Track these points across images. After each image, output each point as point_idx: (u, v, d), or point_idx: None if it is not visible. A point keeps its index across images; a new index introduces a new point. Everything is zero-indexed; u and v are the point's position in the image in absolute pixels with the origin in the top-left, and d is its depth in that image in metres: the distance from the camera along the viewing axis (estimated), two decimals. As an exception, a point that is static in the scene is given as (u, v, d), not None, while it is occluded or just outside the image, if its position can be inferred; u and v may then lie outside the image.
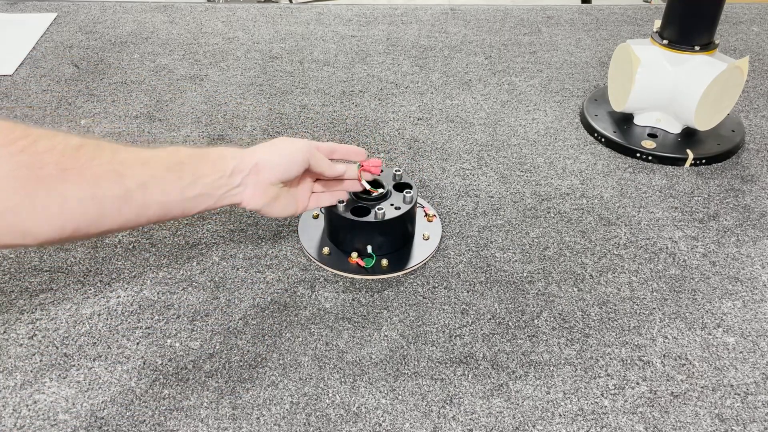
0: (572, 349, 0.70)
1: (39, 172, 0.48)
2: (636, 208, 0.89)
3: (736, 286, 0.78)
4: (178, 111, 1.07)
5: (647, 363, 0.69)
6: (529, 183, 0.93)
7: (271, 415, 0.63)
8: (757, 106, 1.11)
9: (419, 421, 0.63)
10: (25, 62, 1.21)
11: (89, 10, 1.40)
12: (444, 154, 0.98)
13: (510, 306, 0.75)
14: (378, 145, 1.00)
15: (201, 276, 0.78)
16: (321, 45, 1.29)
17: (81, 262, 0.80)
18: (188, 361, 0.68)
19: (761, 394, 0.66)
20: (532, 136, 1.03)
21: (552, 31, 1.35)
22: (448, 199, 0.90)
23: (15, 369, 0.67)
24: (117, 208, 0.54)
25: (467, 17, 1.40)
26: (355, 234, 0.78)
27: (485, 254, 0.81)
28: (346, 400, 0.65)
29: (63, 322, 0.72)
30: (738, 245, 0.83)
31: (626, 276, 0.79)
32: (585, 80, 1.17)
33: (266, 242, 0.83)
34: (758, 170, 0.96)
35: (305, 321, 0.73)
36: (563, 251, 0.82)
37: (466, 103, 1.11)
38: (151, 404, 0.64)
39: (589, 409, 0.64)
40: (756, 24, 1.38)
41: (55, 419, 0.63)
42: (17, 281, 0.77)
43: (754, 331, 0.72)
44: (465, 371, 0.68)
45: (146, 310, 0.74)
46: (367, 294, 0.76)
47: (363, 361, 0.69)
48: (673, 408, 0.64)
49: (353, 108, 1.09)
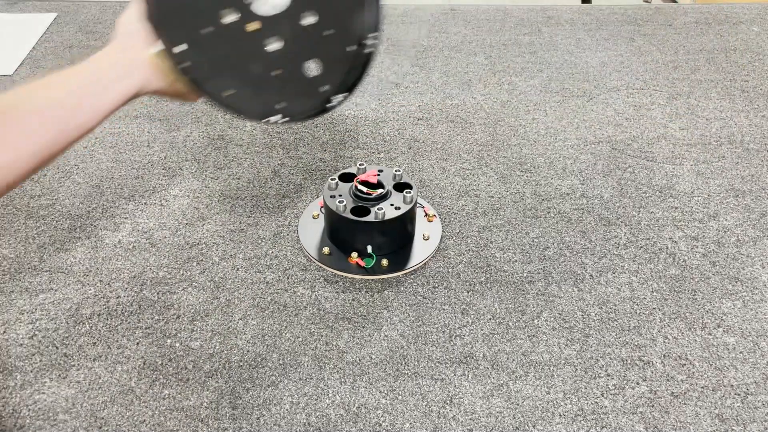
0: (572, 349, 0.70)
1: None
2: (636, 208, 0.89)
3: (736, 286, 0.78)
4: (178, 111, 1.07)
5: (647, 363, 0.69)
6: (529, 183, 0.93)
7: (271, 415, 0.63)
8: (757, 106, 1.11)
9: (419, 421, 0.63)
10: (25, 62, 1.21)
11: (89, 10, 1.40)
12: (444, 154, 0.98)
13: (510, 306, 0.75)
14: (378, 145, 1.00)
15: (201, 276, 0.78)
16: (321, 45, 1.29)
17: (81, 262, 0.80)
18: (188, 361, 0.68)
19: (761, 394, 0.66)
20: (532, 136, 1.03)
21: (552, 31, 1.35)
22: (448, 199, 0.90)
23: (15, 369, 0.67)
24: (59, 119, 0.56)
25: (467, 17, 1.40)
26: (355, 234, 0.78)
27: (485, 254, 0.81)
28: (346, 400, 0.65)
29: (63, 322, 0.72)
30: (738, 245, 0.83)
31: (626, 276, 0.79)
32: (585, 80, 1.17)
33: (266, 242, 0.83)
34: (758, 170, 0.96)
35: (305, 321, 0.73)
36: (563, 251, 0.82)
37: (466, 103, 1.11)
38: (151, 404, 0.64)
39: (589, 409, 0.64)
40: (756, 24, 1.38)
41: (55, 419, 0.63)
42: (17, 281, 0.77)
43: (754, 331, 0.72)
44: (465, 371, 0.68)
45: (146, 310, 0.74)
46: (367, 294, 0.76)
47: (363, 361, 0.69)
48: (673, 408, 0.64)
49: (353, 108, 1.09)
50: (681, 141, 1.02)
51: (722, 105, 1.11)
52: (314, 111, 0.66)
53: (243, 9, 0.61)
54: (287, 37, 0.64)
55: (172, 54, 0.59)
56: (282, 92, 0.64)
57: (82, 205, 0.88)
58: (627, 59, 1.24)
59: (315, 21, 0.64)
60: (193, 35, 0.60)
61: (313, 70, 0.65)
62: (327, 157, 0.98)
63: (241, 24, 0.61)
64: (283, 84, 0.64)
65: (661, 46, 1.29)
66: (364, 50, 0.66)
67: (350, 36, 0.66)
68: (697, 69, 1.21)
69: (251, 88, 0.63)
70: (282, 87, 0.64)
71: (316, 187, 0.92)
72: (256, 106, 0.63)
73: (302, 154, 0.98)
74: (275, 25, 0.63)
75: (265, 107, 0.63)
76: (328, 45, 0.65)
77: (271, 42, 0.63)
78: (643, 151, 0.99)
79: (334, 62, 0.65)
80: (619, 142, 1.01)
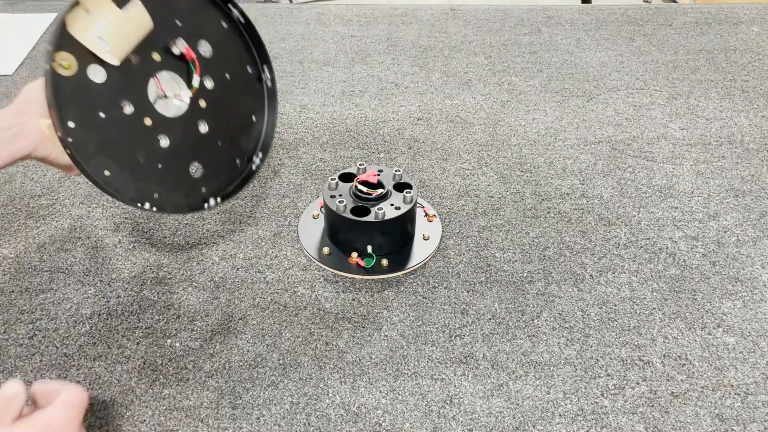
0: (572, 349, 0.70)
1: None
2: (636, 208, 0.89)
3: (736, 286, 0.78)
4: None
5: (647, 363, 0.69)
6: (529, 183, 0.93)
7: (271, 415, 0.64)
8: (757, 106, 1.11)
9: (419, 421, 0.63)
10: (25, 62, 1.21)
11: (89, 10, 1.39)
12: (444, 154, 0.98)
13: (510, 306, 0.75)
14: (378, 145, 1.00)
15: (201, 276, 0.78)
16: (321, 45, 1.29)
17: (81, 262, 0.80)
18: (188, 361, 0.68)
19: (761, 394, 0.66)
20: (532, 136, 1.03)
21: (552, 31, 1.35)
22: (448, 199, 0.90)
23: (15, 369, 0.67)
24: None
25: (467, 17, 1.40)
26: (355, 234, 0.78)
27: (485, 254, 0.81)
28: (346, 400, 0.65)
29: (63, 322, 0.72)
30: (738, 245, 0.83)
31: (626, 276, 0.79)
32: (585, 80, 1.17)
33: (266, 242, 0.83)
34: (758, 170, 0.96)
35: (305, 321, 0.73)
36: (563, 251, 0.82)
37: (466, 103, 1.11)
38: (151, 404, 0.64)
39: (589, 409, 0.64)
40: (756, 24, 1.38)
41: (55, 419, 0.63)
42: (17, 281, 0.77)
43: (754, 331, 0.72)
44: (465, 371, 0.68)
45: (146, 310, 0.74)
46: (367, 294, 0.76)
47: (363, 361, 0.69)
48: (673, 408, 0.64)
49: (353, 108, 1.09)
50: (681, 141, 1.02)
51: (722, 105, 1.11)
52: (188, 209, 0.69)
53: (145, 105, 0.64)
54: (180, 138, 0.67)
55: (60, 128, 0.58)
56: (161, 183, 0.66)
57: (82, 205, 0.88)
58: (627, 59, 1.24)
59: (209, 130, 0.69)
60: (87, 116, 0.61)
61: (197, 171, 0.69)
62: (327, 157, 0.98)
63: (138, 117, 0.64)
64: (164, 177, 0.66)
65: (661, 46, 1.29)
66: (250, 165, 0.73)
67: (240, 150, 0.73)
68: (697, 69, 1.21)
69: (131, 173, 0.64)
70: (162, 179, 0.66)
71: (316, 187, 0.92)
72: (130, 191, 0.63)
73: (302, 154, 0.98)
74: (172, 124, 0.67)
75: (139, 194, 0.64)
76: (217, 153, 0.70)
77: (164, 138, 0.66)
78: (643, 151, 0.99)
79: (219, 169, 0.71)
80: (619, 142, 1.01)
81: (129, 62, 0.63)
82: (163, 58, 0.66)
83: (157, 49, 0.65)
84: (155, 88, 0.66)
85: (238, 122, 0.73)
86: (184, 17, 0.66)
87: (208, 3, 0.69)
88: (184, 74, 0.67)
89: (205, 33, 0.69)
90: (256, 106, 0.75)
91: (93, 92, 0.61)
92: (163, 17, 0.64)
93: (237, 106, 0.73)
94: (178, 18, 0.66)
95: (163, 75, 0.66)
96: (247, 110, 0.74)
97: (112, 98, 0.63)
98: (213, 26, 0.70)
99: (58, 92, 0.58)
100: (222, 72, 0.71)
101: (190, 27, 0.67)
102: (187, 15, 0.67)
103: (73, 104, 0.60)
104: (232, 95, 0.73)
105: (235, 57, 0.72)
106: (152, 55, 0.65)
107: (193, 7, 0.68)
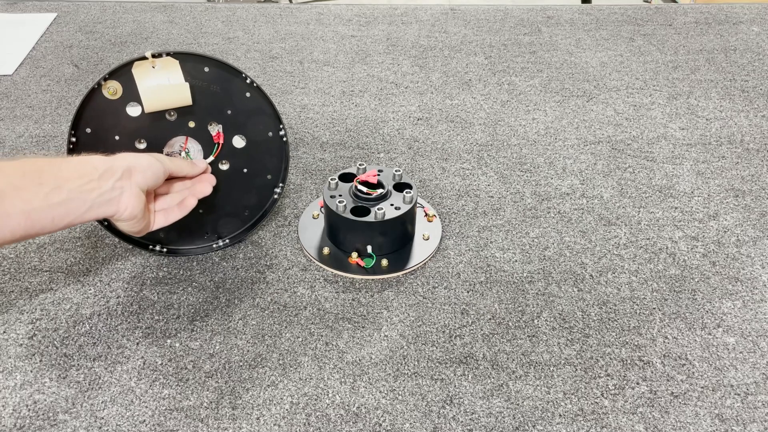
0: (572, 349, 0.70)
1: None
2: (636, 208, 0.89)
3: (736, 286, 0.78)
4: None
5: (647, 363, 0.69)
6: (529, 183, 0.93)
7: (271, 415, 0.63)
8: (757, 106, 1.11)
9: (419, 421, 0.63)
10: (25, 62, 1.21)
11: (89, 10, 1.40)
12: (444, 154, 0.98)
13: (510, 306, 0.75)
14: (378, 145, 1.00)
15: (201, 276, 0.78)
16: (321, 45, 1.29)
17: (81, 262, 0.80)
18: (188, 361, 0.68)
19: (761, 394, 0.66)
20: (532, 136, 1.03)
21: (552, 31, 1.35)
22: (448, 199, 0.90)
23: (15, 369, 0.67)
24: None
25: (467, 17, 1.40)
26: (355, 234, 0.78)
27: (485, 254, 0.81)
28: (346, 400, 0.65)
29: (63, 322, 0.72)
30: (738, 245, 0.83)
31: (626, 276, 0.79)
32: (585, 80, 1.17)
33: (266, 242, 0.83)
34: (758, 170, 0.96)
35: (305, 321, 0.73)
36: (563, 251, 0.82)
37: (466, 103, 1.11)
38: (151, 404, 0.64)
39: (589, 409, 0.64)
40: (756, 24, 1.38)
41: (55, 419, 0.63)
42: (17, 281, 0.77)
43: (754, 331, 0.72)
44: (465, 371, 0.68)
45: (146, 310, 0.74)
46: (367, 294, 0.76)
47: (363, 361, 0.69)
48: (673, 408, 0.64)
49: (353, 108, 1.09)
50: (681, 141, 1.02)
51: (722, 105, 1.11)
52: (195, 252, 0.82)
53: (158, 150, 0.77)
54: None
55: None
56: (215, 226, 0.82)
57: (82, 205, 0.88)
58: (627, 59, 1.24)
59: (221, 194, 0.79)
60: (102, 130, 0.75)
61: None
62: (327, 157, 0.98)
63: None
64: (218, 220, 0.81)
65: (661, 46, 1.29)
66: (269, 202, 0.82)
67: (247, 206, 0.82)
68: (697, 69, 1.21)
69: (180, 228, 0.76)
70: (216, 222, 0.81)
71: (316, 187, 0.92)
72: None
73: (302, 154, 0.98)
74: None
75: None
76: (224, 211, 0.81)
77: None
78: (643, 151, 0.99)
79: (224, 224, 0.82)
80: (619, 142, 1.01)
81: (165, 115, 0.75)
82: (196, 128, 0.76)
83: (196, 120, 0.76)
84: (179, 144, 0.77)
85: None
86: (237, 111, 0.76)
87: (262, 112, 0.77)
88: (208, 147, 0.78)
89: (248, 133, 0.78)
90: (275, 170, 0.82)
91: (120, 116, 0.74)
92: (219, 101, 0.76)
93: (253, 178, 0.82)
94: (231, 109, 0.76)
95: (191, 140, 0.77)
96: None
97: (133, 129, 0.75)
98: (256, 130, 0.78)
99: (94, 103, 0.72)
100: (245, 164, 0.80)
101: (237, 121, 0.77)
102: (241, 113, 0.77)
103: (98, 116, 0.73)
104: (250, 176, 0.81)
105: (265, 162, 0.80)
106: (189, 122, 0.76)
107: (248, 110, 0.77)
